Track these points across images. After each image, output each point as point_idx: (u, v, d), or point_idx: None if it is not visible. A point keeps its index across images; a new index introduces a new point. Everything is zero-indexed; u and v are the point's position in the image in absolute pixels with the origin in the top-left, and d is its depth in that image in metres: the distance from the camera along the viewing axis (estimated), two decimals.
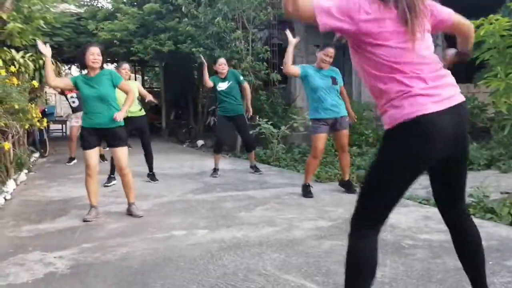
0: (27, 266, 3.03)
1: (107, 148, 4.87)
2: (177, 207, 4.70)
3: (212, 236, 3.63)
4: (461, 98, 1.82)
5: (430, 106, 1.72)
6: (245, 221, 4.06)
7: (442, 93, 1.77)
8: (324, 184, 5.77)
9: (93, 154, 4.26)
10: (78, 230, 3.88)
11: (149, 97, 6.35)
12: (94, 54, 4.19)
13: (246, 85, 6.90)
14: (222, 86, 6.57)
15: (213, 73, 6.91)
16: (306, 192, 5.04)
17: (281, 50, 11.10)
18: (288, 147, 8.53)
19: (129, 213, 4.36)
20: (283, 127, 8.08)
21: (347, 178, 5.25)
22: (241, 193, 5.33)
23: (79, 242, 3.52)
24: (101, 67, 4.34)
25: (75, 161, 8.20)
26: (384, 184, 1.82)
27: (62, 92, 8.62)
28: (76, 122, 8.31)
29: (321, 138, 5.03)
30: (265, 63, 9.44)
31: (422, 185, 4.67)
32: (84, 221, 4.11)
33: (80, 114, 8.23)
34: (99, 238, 3.63)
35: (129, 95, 4.39)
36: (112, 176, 5.93)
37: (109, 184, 5.86)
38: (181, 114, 14.97)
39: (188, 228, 3.86)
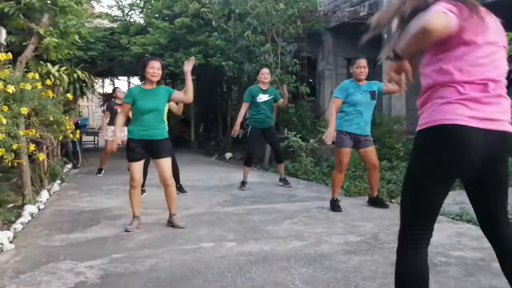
0: (59, 275, 3.09)
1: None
2: (205, 219, 4.72)
3: (240, 249, 3.62)
4: (508, 128, 1.75)
5: (471, 121, 1.68)
6: (273, 235, 4.04)
7: (490, 112, 1.71)
8: (354, 199, 5.69)
9: (139, 166, 4.30)
10: (108, 240, 3.94)
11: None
12: (154, 68, 4.24)
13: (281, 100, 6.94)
14: (263, 97, 6.57)
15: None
16: (335, 206, 4.99)
17: (310, 62, 11.12)
18: (316, 160, 8.47)
19: (171, 224, 4.38)
20: (311, 140, 8.04)
21: (375, 194, 5.18)
22: (269, 206, 5.31)
23: (109, 252, 3.57)
24: (159, 82, 4.38)
25: (103, 172, 8.35)
26: (416, 193, 1.82)
27: (111, 108, 8.64)
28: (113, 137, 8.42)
29: (346, 152, 4.99)
30: (293, 76, 9.46)
31: (455, 200, 4.57)
32: (126, 230, 4.18)
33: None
34: (128, 249, 3.68)
35: (185, 96, 4.40)
36: (143, 188, 6.00)
37: (141, 196, 5.91)
38: (210, 126, 15.12)
39: (216, 240, 3.86)
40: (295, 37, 10.36)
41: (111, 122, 8.46)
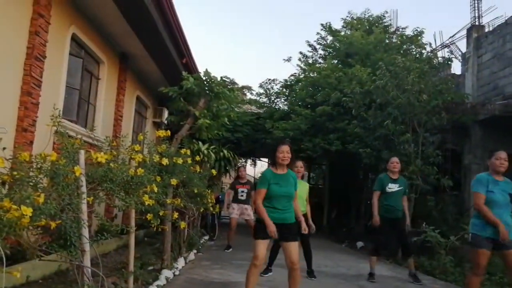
0: None
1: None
2: None
3: None
4: None
5: None
6: None
7: None
8: None
9: (264, 245, 4.24)
10: None
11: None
12: (284, 152, 4.31)
13: (406, 197, 6.63)
14: (392, 187, 6.40)
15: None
16: None
17: (455, 155, 10.54)
18: (457, 260, 7.72)
19: None
20: (452, 237, 7.43)
21: None
22: None
23: None
24: (289, 165, 4.43)
25: (231, 249, 8.59)
26: None
27: (233, 187, 9.25)
28: (236, 214, 8.83)
29: (485, 254, 4.42)
30: (435, 168, 9.02)
31: None
32: None
33: (243, 206, 8.76)
34: None
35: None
36: (269, 268, 6.09)
37: (265, 275, 5.98)
38: (343, 213, 14.89)
39: None
40: (439, 128, 10.01)
41: (238, 201, 8.88)
